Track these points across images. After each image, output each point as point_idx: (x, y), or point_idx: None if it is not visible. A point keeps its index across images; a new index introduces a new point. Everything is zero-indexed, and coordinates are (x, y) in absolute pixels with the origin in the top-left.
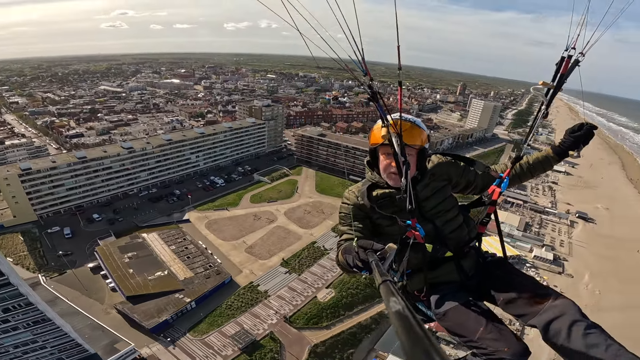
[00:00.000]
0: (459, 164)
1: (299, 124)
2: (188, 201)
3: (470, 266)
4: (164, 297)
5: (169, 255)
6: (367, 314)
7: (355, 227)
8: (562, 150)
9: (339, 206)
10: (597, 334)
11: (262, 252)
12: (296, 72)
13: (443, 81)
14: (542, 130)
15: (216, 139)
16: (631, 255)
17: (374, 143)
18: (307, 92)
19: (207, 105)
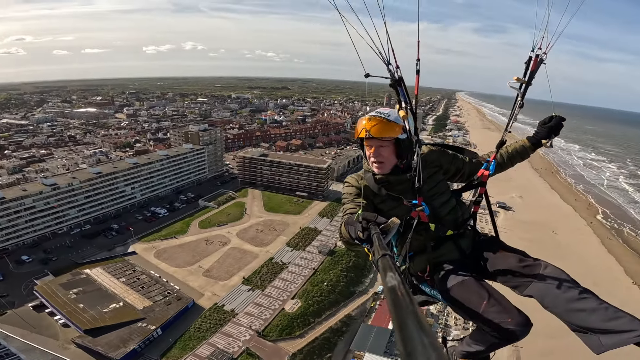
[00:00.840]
0: (448, 153)
1: (238, 146)
2: (130, 234)
3: (467, 245)
4: (125, 328)
5: (120, 287)
6: (336, 318)
7: (359, 203)
8: (536, 140)
9: (290, 223)
10: (591, 298)
11: (220, 273)
12: (228, 94)
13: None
14: (457, 133)
15: (152, 168)
16: (549, 236)
17: (355, 137)
18: (242, 114)
19: (133, 134)
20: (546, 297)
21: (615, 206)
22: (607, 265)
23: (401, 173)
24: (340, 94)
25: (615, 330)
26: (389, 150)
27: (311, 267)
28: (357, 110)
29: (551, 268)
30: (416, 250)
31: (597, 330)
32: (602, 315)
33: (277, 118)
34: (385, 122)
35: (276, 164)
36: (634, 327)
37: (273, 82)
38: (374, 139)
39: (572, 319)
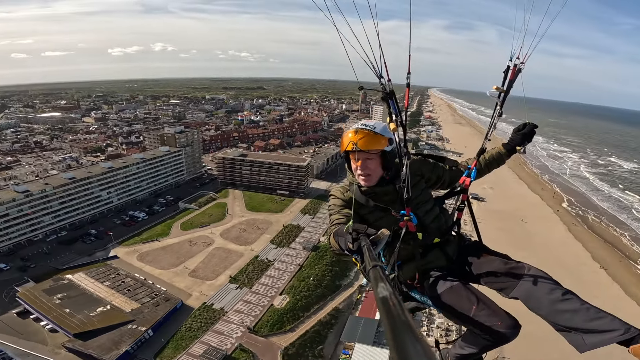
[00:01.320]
0: (429, 162)
1: (215, 147)
2: (110, 238)
3: (453, 250)
4: (115, 330)
5: (105, 291)
6: (324, 311)
7: (346, 214)
8: (511, 146)
9: (272, 221)
10: (574, 300)
11: (207, 273)
12: (202, 95)
13: (346, 91)
14: (431, 128)
15: (128, 172)
16: (518, 225)
17: (342, 150)
18: (218, 115)
19: (104, 138)
20: (531, 299)
21: (579, 194)
22: (574, 251)
23: (386, 184)
24: (316, 93)
25: (598, 330)
26: (375, 162)
27: (296, 263)
28: (334, 109)
29: (534, 270)
30: (404, 258)
31: (580, 330)
32: (585, 315)
33: (254, 118)
34: (372, 134)
35: (256, 164)
36: (615, 327)
37: (248, 82)
38: (361, 152)
39: (557, 320)
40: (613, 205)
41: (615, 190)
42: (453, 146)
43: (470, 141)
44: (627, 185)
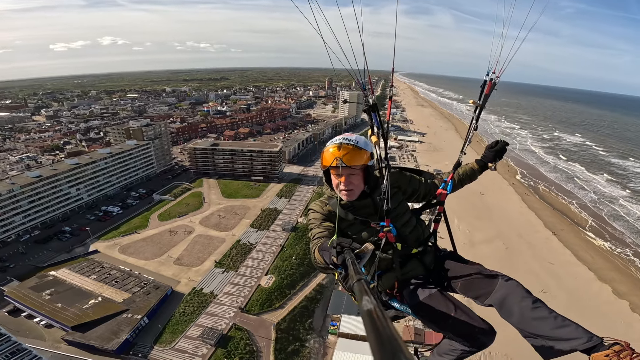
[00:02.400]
0: (406, 174)
1: (184, 139)
2: (87, 234)
3: (430, 260)
4: (111, 320)
5: (93, 284)
6: (309, 287)
7: (327, 227)
8: (483, 163)
9: (250, 206)
10: (542, 308)
11: (191, 260)
12: (162, 88)
13: (311, 78)
14: (395, 111)
15: (96, 168)
16: (478, 198)
17: (324, 165)
18: (182, 107)
19: (60, 136)
20: (504, 307)
21: (530, 166)
22: (528, 219)
23: (364, 198)
24: (282, 81)
25: (562, 338)
26: (359, 177)
27: (278, 244)
28: (300, 96)
29: (507, 279)
30: (384, 268)
31: (546, 337)
32: (552, 323)
33: (221, 109)
34: (356, 149)
35: (228, 152)
36: (578, 335)
37: (210, 73)
38: (345, 168)
39: (525, 327)
40: (560, 175)
41: (561, 162)
42: (416, 127)
43: (432, 121)
44: (570, 157)
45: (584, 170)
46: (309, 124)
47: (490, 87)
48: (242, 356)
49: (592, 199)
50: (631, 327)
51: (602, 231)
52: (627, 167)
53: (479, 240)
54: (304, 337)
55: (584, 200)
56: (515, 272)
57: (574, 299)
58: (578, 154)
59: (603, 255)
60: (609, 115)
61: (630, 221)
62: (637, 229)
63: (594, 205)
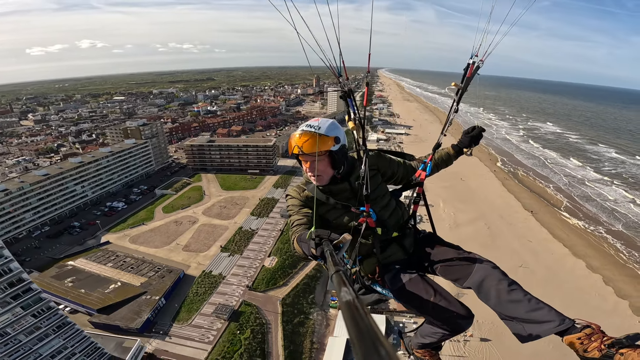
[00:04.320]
0: (385, 156)
1: (177, 138)
2: (98, 227)
3: (410, 243)
4: (132, 302)
5: (110, 271)
6: (309, 267)
7: (305, 214)
8: (459, 148)
9: (249, 197)
10: (517, 291)
11: (199, 246)
12: (148, 90)
13: (299, 76)
14: (382, 105)
15: (99, 166)
16: (459, 183)
17: (290, 153)
18: (172, 108)
19: (52, 139)
20: (481, 289)
21: (509, 154)
22: (508, 202)
23: (340, 182)
24: (269, 80)
25: (536, 321)
26: (323, 163)
27: (277, 229)
28: (289, 94)
29: (484, 261)
30: (364, 253)
31: (521, 320)
32: (526, 306)
33: (211, 108)
34: (316, 136)
35: (225, 148)
36: (551, 318)
37: (195, 74)
38: (306, 155)
39: (501, 309)
40: (537, 161)
41: (537, 149)
42: (403, 120)
43: (417, 115)
44: (546, 144)
45: (559, 156)
46: (299, 120)
47: (472, 70)
48: (254, 328)
49: (566, 182)
50: (605, 300)
51: (576, 211)
52: (600, 152)
53: (463, 222)
54: (307, 311)
55: (558, 183)
56: (497, 249)
57: (551, 273)
58: (553, 141)
59: (577, 233)
60: (583, 105)
61: (601, 202)
62: (609, 209)
63: (568, 187)
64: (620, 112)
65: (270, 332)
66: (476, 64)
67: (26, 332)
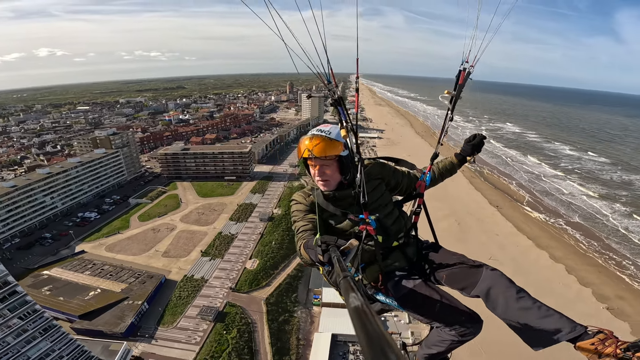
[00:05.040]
0: (389, 166)
1: (149, 148)
2: (71, 237)
3: (413, 252)
4: (114, 308)
5: (88, 279)
6: (290, 267)
7: (310, 220)
8: (462, 157)
9: (226, 203)
10: (526, 298)
11: (178, 252)
12: (114, 100)
13: (272, 83)
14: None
15: (68, 176)
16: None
17: (300, 157)
18: (141, 118)
19: (15, 151)
20: (489, 297)
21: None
22: (475, 198)
23: (346, 188)
24: (242, 88)
25: (547, 329)
26: (332, 168)
27: (257, 233)
28: (263, 101)
29: (491, 269)
30: (367, 261)
31: (532, 328)
32: (536, 313)
33: (183, 117)
34: (327, 140)
35: (200, 155)
36: (562, 326)
37: (164, 82)
38: (317, 159)
39: (511, 317)
40: (500, 160)
41: (498, 149)
42: (375, 124)
43: (389, 119)
44: (506, 144)
45: (519, 154)
46: (273, 127)
47: (464, 77)
48: (240, 327)
49: (526, 179)
50: (569, 288)
51: (537, 205)
52: (556, 149)
53: (437, 219)
54: (291, 309)
55: (520, 180)
56: (467, 243)
57: (517, 264)
58: (513, 140)
59: (539, 225)
60: (540, 106)
61: (559, 196)
62: (566, 202)
63: (528, 183)
64: (575, 111)
65: (257, 330)
66: (467, 70)
67: (14, 335)
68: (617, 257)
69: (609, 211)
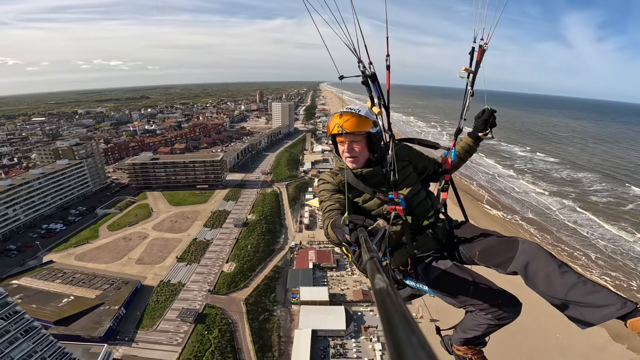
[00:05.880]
0: (416, 151)
1: (114, 159)
2: (37, 248)
3: (442, 233)
4: (90, 313)
5: (60, 287)
6: (267, 269)
7: (338, 200)
8: (475, 134)
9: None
10: (570, 272)
11: (153, 259)
12: (73, 110)
13: (241, 92)
14: (326, 119)
15: (30, 188)
16: None
17: (328, 134)
18: (103, 128)
19: None
20: (528, 273)
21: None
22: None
23: (374, 166)
24: (210, 97)
25: (595, 305)
26: (362, 144)
27: (233, 238)
28: (233, 110)
29: (528, 243)
30: (394, 244)
31: (577, 304)
32: (582, 289)
33: (149, 128)
34: (357, 116)
35: (170, 165)
36: (611, 301)
37: (126, 92)
38: (347, 134)
39: (554, 293)
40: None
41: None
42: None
43: None
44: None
45: (476, 156)
46: (244, 136)
47: (480, 53)
48: (221, 327)
49: (485, 179)
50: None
51: (495, 203)
52: (511, 151)
53: None
54: (270, 308)
55: (479, 180)
56: None
57: None
58: None
59: (498, 222)
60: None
61: (514, 194)
62: (520, 200)
63: (487, 183)
64: (527, 115)
65: (238, 330)
66: (482, 47)
67: None
68: (569, 249)
69: (558, 207)
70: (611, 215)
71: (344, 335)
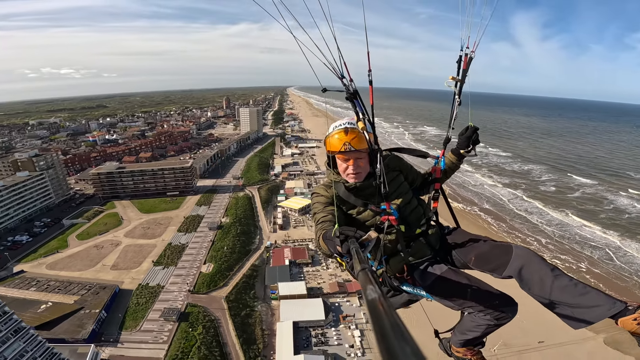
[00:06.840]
0: (406, 162)
1: (76, 170)
2: (6, 259)
3: (436, 239)
4: (71, 317)
5: (36, 294)
6: (245, 268)
7: (330, 212)
8: (457, 151)
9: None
10: (562, 276)
11: (128, 264)
12: (23, 121)
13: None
14: (294, 123)
15: None
16: None
17: (331, 150)
18: (60, 140)
19: None
20: (522, 276)
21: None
22: None
23: (365, 179)
24: (173, 105)
25: (586, 305)
26: (365, 160)
27: (208, 240)
28: (199, 117)
29: (522, 249)
30: (390, 252)
31: (569, 305)
32: (573, 291)
33: (110, 137)
34: (360, 133)
35: (138, 173)
36: (601, 302)
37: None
38: (354, 152)
39: (548, 296)
40: (423, 160)
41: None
42: (314, 135)
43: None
44: (428, 145)
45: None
46: (212, 142)
47: (466, 61)
48: (205, 324)
49: None
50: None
51: (455, 196)
52: None
53: None
54: (251, 304)
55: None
56: None
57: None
58: (435, 142)
59: (459, 213)
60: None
61: (472, 188)
62: (478, 192)
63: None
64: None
65: (222, 325)
66: (469, 56)
67: None
68: (522, 235)
69: (510, 197)
70: (557, 204)
71: (324, 325)
